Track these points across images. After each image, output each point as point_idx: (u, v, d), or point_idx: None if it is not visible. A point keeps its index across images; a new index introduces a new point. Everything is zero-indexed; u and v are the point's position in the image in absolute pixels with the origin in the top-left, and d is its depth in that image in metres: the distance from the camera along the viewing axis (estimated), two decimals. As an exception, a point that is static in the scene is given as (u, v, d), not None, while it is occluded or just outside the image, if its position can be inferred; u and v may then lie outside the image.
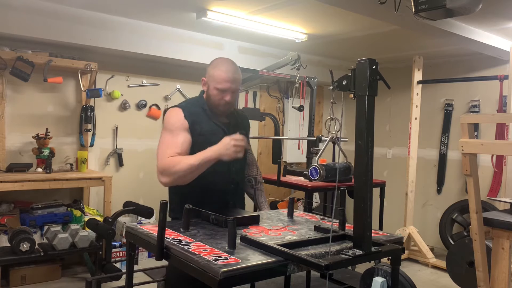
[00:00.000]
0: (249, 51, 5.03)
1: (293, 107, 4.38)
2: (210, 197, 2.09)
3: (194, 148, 2.04)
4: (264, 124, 5.69)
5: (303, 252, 1.47)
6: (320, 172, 1.64)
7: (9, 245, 3.37)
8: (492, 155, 4.43)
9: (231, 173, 2.14)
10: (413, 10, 2.69)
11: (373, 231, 1.57)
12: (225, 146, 1.91)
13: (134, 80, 4.70)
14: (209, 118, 2.13)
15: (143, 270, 3.63)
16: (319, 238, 1.65)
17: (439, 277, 4.30)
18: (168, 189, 2.17)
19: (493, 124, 4.52)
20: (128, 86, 4.67)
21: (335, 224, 1.82)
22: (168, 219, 1.85)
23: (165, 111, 4.90)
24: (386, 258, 1.67)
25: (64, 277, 3.83)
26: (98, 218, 3.81)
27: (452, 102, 5.32)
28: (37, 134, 3.92)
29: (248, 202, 2.37)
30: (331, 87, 1.61)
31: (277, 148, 4.48)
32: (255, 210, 2.50)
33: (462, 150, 2.41)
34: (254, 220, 1.94)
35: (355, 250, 1.49)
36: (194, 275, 1.38)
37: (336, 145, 1.75)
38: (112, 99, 4.56)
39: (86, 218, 3.84)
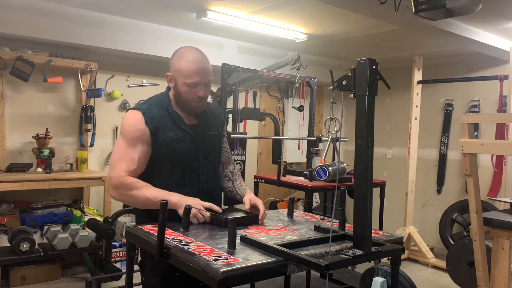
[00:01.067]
0: (249, 51, 5.03)
1: (293, 107, 4.38)
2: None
3: (157, 157, 1.85)
4: (264, 124, 5.69)
5: (303, 252, 1.47)
6: (328, 172, 1.64)
7: (9, 245, 3.38)
8: (492, 155, 4.43)
9: (201, 182, 1.93)
10: (413, 10, 2.69)
11: (373, 231, 1.57)
12: (194, 204, 1.76)
13: (134, 80, 4.70)
14: (174, 123, 1.89)
15: (143, 270, 3.62)
16: (319, 238, 1.65)
17: (439, 277, 4.30)
18: None
19: (493, 124, 4.52)
20: (128, 86, 4.67)
21: (335, 224, 1.82)
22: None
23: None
24: (386, 258, 1.67)
25: (64, 277, 3.83)
26: (98, 218, 3.81)
27: (452, 102, 5.32)
28: (37, 134, 3.92)
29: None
30: (331, 87, 1.61)
31: (277, 148, 4.48)
32: (235, 203, 2.34)
33: (462, 150, 2.41)
34: (255, 220, 1.94)
35: (355, 250, 1.49)
36: (194, 275, 1.38)
37: (336, 145, 1.75)
38: (112, 99, 4.56)
39: (86, 218, 3.84)
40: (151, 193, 1.79)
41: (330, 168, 1.56)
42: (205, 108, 2.00)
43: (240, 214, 1.91)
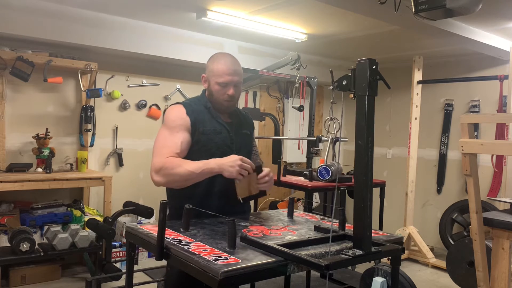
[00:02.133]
0: (249, 51, 5.03)
1: (293, 107, 4.38)
2: (209, 201, 1.98)
3: (195, 148, 1.97)
4: (264, 124, 5.69)
5: (303, 252, 1.47)
6: (331, 172, 1.64)
7: (9, 245, 3.37)
8: (492, 155, 4.43)
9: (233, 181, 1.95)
10: (413, 10, 2.69)
11: (373, 231, 1.57)
12: (230, 163, 1.84)
13: (134, 80, 4.70)
14: (212, 117, 2.05)
15: (143, 270, 3.64)
16: (319, 238, 1.65)
17: (439, 277, 4.31)
18: (167, 194, 2.08)
19: (493, 124, 4.52)
20: (128, 86, 4.67)
21: (335, 224, 1.82)
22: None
23: (165, 111, 4.91)
24: (386, 258, 1.67)
25: (64, 277, 3.83)
26: (98, 218, 3.81)
27: (452, 102, 5.32)
28: (37, 134, 3.92)
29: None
30: (331, 87, 1.61)
31: (277, 148, 4.48)
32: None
33: (462, 150, 2.41)
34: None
35: (355, 250, 1.49)
36: (194, 275, 1.38)
37: (336, 145, 1.76)
38: (112, 99, 4.56)
39: (86, 218, 3.84)
40: (193, 166, 1.86)
41: (332, 168, 1.56)
42: (237, 111, 2.18)
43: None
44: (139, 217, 4.37)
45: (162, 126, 2.03)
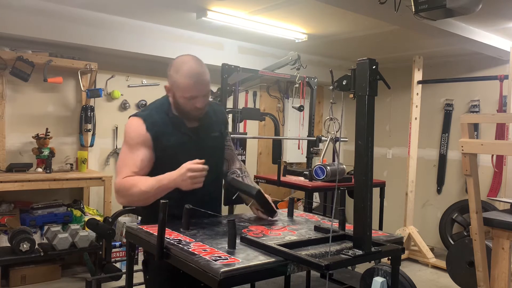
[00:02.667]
0: (249, 51, 5.03)
1: (293, 107, 4.38)
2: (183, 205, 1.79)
3: (160, 163, 1.86)
4: (264, 124, 5.69)
5: (303, 252, 1.47)
6: (326, 171, 1.64)
7: (9, 245, 3.38)
8: (492, 155, 4.43)
9: (204, 186, 1.80)
10: (413, 10, 2.69)
11: (373, 231, 1.57)
12: (181, 178, 1.71)
13: (134, 80, 4.70)
14: (175, 127, 1.89)
15: (143, 270, 3.62)
16: (319, 238, 1.65)
17: (439, 277, 4.31)
18: None
19: (493, 124, 4.52)
20: (128, 86, 4.67)
21: (335, 224, 1.82)
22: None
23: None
24: (386, 258, 1.67)
25: (64, 277, 3.83)
26: (98, 218, 3.81)
27: (452, 102, 5.32)
28: (37, 134, 3.92)
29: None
30: (331, 87, 1.61)
31: (277, 148, 4.48)
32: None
33: (462, 150, 2.41)
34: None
35: (355, 250, 1.49)
36: (194, 275, 1.38)
37: (336, 145, 1.76)
38: (112, 99, 4.56)
39: (86, 218, 3.84)
40: (146, 185, 1.76)
41: (328, 168, 1.56)
42: (207, 108, 1.98)
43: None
44: (139, 217, 4.37)
45: (123, 143, 1.90)
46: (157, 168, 1.86)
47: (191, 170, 1.71)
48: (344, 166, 1.61)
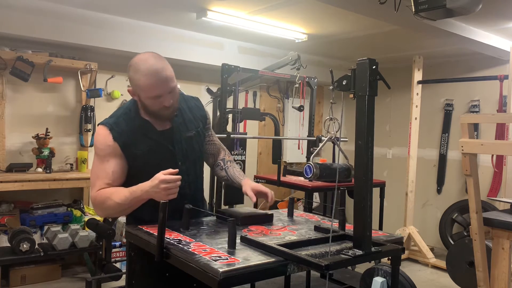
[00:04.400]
0: (249, 51, 5.03)
1: (293, 107, 4.38)
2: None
3: (133, 172, 1.80)
4: (264, 124, 5.69)
5: (303, 252, 1.47)
6: (313, 170, 1.64)
7: (9, 245, 3.38)
8: (492, 155, 4.43)
9: (181, 189, 1.75)
10: (413, 10, 2.69)
11: (373, 231, 1.57)
12: (154, 189, 1.65)
13: (134, 80, 4.69)
14: (144, 134, 1.81)
15: (143, 270, 3.62)
16: (319, 238, 1.65)
17: (439, 277, 4.31)
18: None
19: (493, 124, 4.52)
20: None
21: (335, 224, 1.82)
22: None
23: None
24: (386, 258, 1.67)
25: (64, 277, 3.83)
26: (98, 218, 3.80)
27: (452, 102, 5.32)
28: (37, 134, 3.92)
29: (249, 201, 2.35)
30: (331, 87, 1.61)
31: (277, 148, 4.48)
32: (234, 196, 2.27)
33: (462, 150, 2.41)
34: (268, 220, 1.96)
35: (355, 250, 1.49)
36: (194, 275, 1.38)
37: (336, 146, 1.75)
38: (112, 99, 4.56)
39: (86, 218, 3.84)
40: (120, 197, 1.72)
41: (317, 167, 1.56)
42: (180, 106, 1.89)
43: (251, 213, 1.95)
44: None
45: (94, 154, 1.83)
46: (132, 176, 1.80)
47: (164, 181, 1.64)
48: (351, 164, 1.59)
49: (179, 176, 1.69)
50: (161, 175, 1.66)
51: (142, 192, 1.69)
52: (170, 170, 1.69)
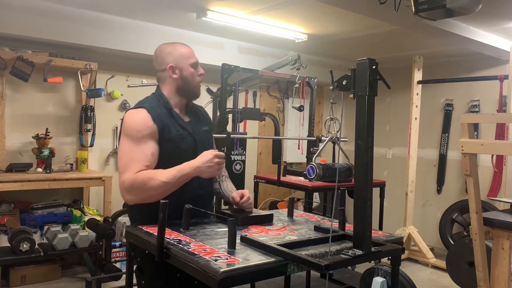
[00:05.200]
0: (249, 51, 5.03)
1: (293, 107, 4.38)
2: (180, 207, 1.76)
3: (162, 156, 1.81)
4: (264, 124, 5.69)
5: (303, 252, 1.47)
6: (317, 171, 1.64)
7: (9, 245, 3.37)
8: (492, 155, 4.43)
9: (199, 178, 1.83)
10: (413, 10, 2.69)
11: (373, 231, 1.57)
12: (208, 164, 1.72)
13: (134, 80, 4.70)
14: (175, 120, 1.88)
15: (143, 270, 3.63)
16: (319, 238, 1.65)
17: (439, 277, 4.31)
18: (128, 207, 1.92)
19: (493, 124, 4.52)
20: (128, 86, 4.66)
21: (335, 224, 1.82)
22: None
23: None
24: (386, 258, 1.67)
25: (64, 277, 3.83)
26: (98, 218, 3.81)
27: (452, 102, 5.33)
28: (37, 134, 3.92)
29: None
30: (331, 87, 1.61)
31: (277, 148, 4.48)
32: (225, 205, 2.30)
33: (462, 150, 2.41)
34: (267, 219, 1.96)
35: (355, 250, 1.49)
36: (194, 275, 1.38)
37: (336, 146, 1.75)
38: (112, 99, 4.56)
39: (86, 218, 3.84)
40: (166, 175, 1.72)
41: (320, 168, 1.55)
42: (193, 107, 2.03)
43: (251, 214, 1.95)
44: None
45: (125, 136, 1.80)
46: (159, 162, 1.81)
47: (218, 156, 1.74)
48: (352, 164, 1.58)
49: (224, 154, 1.79)
50: (212, 151, 1.77)
51: (192, 169, 1.73)
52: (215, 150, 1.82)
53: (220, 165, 1.76)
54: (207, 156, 1.74)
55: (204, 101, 4.89)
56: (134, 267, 1.81)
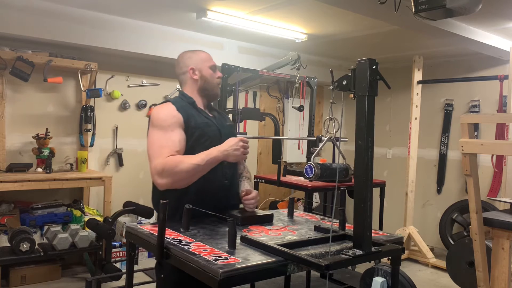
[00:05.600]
0: (249, 51, 5.03)
1: (293, 107, 4.38)
2: (205, 195, 1.94)
3: (190, 143, 1.94)
4: (264, 124, 5.69)
5: (303, 252, 1.47)
6: (315, 170, 1.64)
7: (9, 245, 3.37)
8: (492, 155, 4.43)
9: (223, 168, 1.99)
10: (413, 10, 2.69)
11: (373, 231, 1.57)
12: (234, 147, 1.84)
13: (134, 80, 4.70)
14: (199, 112, 2.05)
15: (143, 270, 3.63)
16: (319, 238, 1.65)
17: (439, 277, 4.31)
18: (155, 193, 2.00)
19: (493, 124, 4.52)
20: (128, 86, 4.67)
21: (335, 224, 1.82)
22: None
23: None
24: (386, 258, 1.67)
25: (64, 277, 3.83)
26: (98, 218, 3.80)
27: (452, 102, 5.32)
28: (37, 134, 3.92)
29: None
30: (331, 87, 1.61)
31: (277, 148, 4.48)
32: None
33: (462, 150, 2.41)
34: (268, 219, 1.96)
35: (355, 250, 1.49)
36: (194, 275, 1.38)
37: (337, 145, 1.75)
38: (112, 99, 4.56)
39: (86, 218, 3.84)
40: (196, 159, 1.84)
41: (318, 167, 1.55)
42: (214, 108, 2.20)
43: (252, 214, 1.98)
44: (139, 217, 4.37)
45: (153, 127, 1.94)
46: (187, 148, 1.94)
47: (243, 141, 1.87)
48: (349, 165, 1.60)
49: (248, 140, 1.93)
50: (238, 137, 1.90)
51: (219, 152, 1.84)
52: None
53: (246, 149, 1.87)
54: (233, 140, 1.86)
55: (204, 101, 4.88)
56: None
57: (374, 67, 1.49)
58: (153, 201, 2.04)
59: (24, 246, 3.31)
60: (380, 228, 4.20)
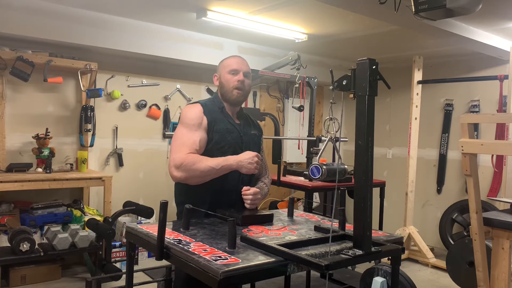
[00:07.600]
0: (249, 51, 5.03)
1: (293, 107, 4.38)
2: (221, 197, 2.08)
3: (209, 146, 2.06)
4: (264, 124, 5.68)
5: (303, 252, 1.47)
6: (322, 171, 1.64)
7: (9, 245, 3.38)
8: (492, 155, 4.43)
9: (241, 173, 2.06)
10: (413, 10, 2.69)
11: (373, 231, 1.57)
12: (249, 160, 1.96)
13: (134, 80, 4.70)
14: (225, 117, 2.16)
15: (143, 270, 3.63)
16: (319, 238, 1.65)
17: (439, 277, 4.31)
18: (176, 191, 2.15)
19: (493, 124, 4.52)
20: (128, 86, 4.67)
21: (335, 224, 1.82)
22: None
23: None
24: (386, 258, 1.67)
25: (64, 277, 3.83)
26: (98, 218, 3.81)
27: (452, 102, 5.32)
28: (37, 134, 3.92)
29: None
30: (331, 87, 1.61)
31: (277, 148, 4.48)
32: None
33: (462, 150, 2.41)
34: (268, 219, 1.97)
35: (355, 250, 1.49)
36: (194, 275, 1.38)
37: (336, 145, 1.76)
38: (112, 99, 4.56)
39: (86, 218, 3.84)
40: (213, 162, 1.96)
41: (324, 167, 1.55)
42: (244, 115, 2.28)
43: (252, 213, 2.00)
44: (139, 217, 4.37)
45: (180, 125, 2.10)
46: (206, 150, 2.05)
47: (257, 156, 1.99)
48: (346, 166, 1.63)
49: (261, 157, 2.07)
50: (255, 152, 2.01)
51: (235, 162, 1.97)
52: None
53: (258, 165, 2.00)
54: (249, 154, 1.99)
55: (204, 101, 4.88)
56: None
57: (374, 67, 1.49)
58: (176, 200, 2.16)
59: (24, 246, 3.31)
60: (380, 228, 4.19)
